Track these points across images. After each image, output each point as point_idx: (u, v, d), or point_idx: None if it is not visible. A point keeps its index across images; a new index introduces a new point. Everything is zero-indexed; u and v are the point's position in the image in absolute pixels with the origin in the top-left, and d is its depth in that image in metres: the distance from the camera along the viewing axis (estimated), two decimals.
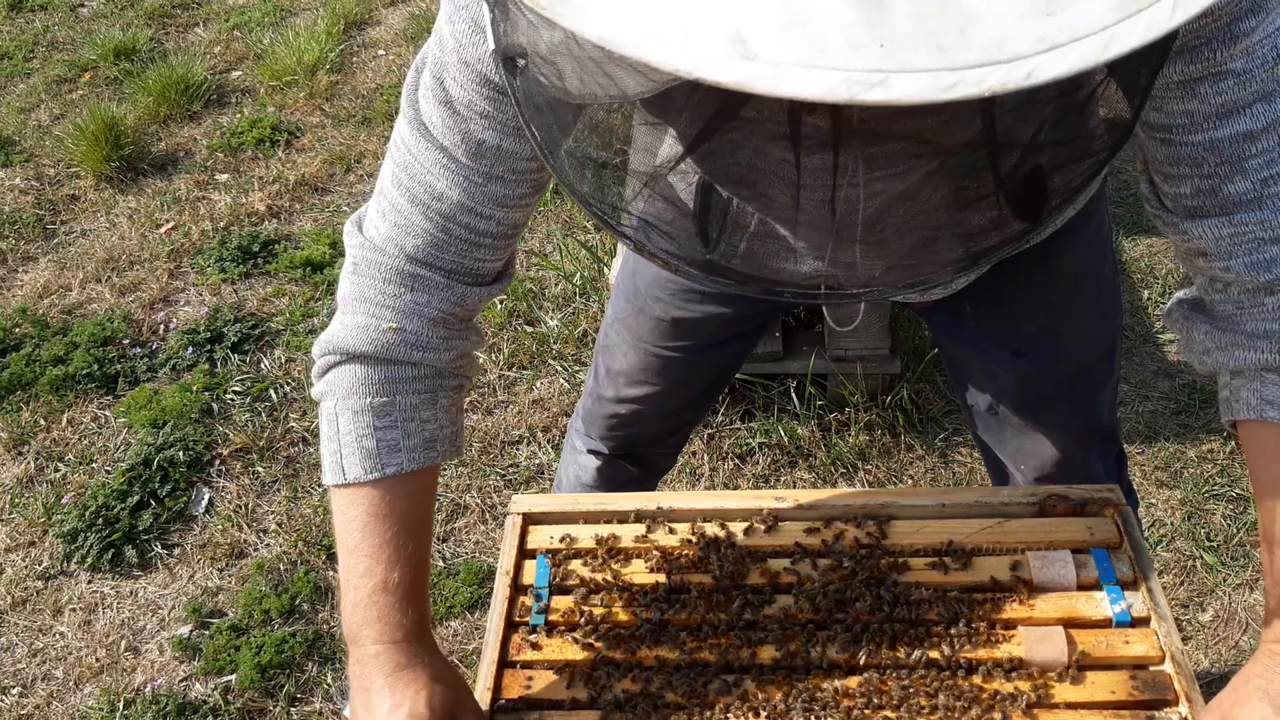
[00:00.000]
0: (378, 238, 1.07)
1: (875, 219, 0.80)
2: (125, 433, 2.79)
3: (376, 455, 1.06)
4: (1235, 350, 1.00)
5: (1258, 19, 0.86)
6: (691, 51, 0.53)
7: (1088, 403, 1.53)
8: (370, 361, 1.08)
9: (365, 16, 4.63)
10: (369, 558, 1.05)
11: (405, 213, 1.05)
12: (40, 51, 4.56)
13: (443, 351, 1.09)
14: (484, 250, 1.07)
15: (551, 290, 3.07)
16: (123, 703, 2.18)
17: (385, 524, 1.06)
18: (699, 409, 1.81)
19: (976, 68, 0.52)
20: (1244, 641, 2.16)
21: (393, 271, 1.06)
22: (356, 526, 1.07)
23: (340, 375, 1.09)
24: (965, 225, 0.82)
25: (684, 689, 1.05)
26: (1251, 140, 0.90)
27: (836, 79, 0.52)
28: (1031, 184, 0.79)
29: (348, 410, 1.08)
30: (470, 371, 1.17)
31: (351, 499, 1.07)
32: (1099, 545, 1.15)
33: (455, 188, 1.02)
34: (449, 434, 1.13)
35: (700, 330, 1.54)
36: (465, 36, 0.94)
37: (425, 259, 1.06)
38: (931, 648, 1.06)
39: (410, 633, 1.05)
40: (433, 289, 1.07)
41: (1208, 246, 0.97)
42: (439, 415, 1.11)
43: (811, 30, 0.52)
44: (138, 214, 3.56)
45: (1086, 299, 1.44)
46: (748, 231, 0.90)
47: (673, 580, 1.15)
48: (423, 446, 1.09)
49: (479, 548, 2.45)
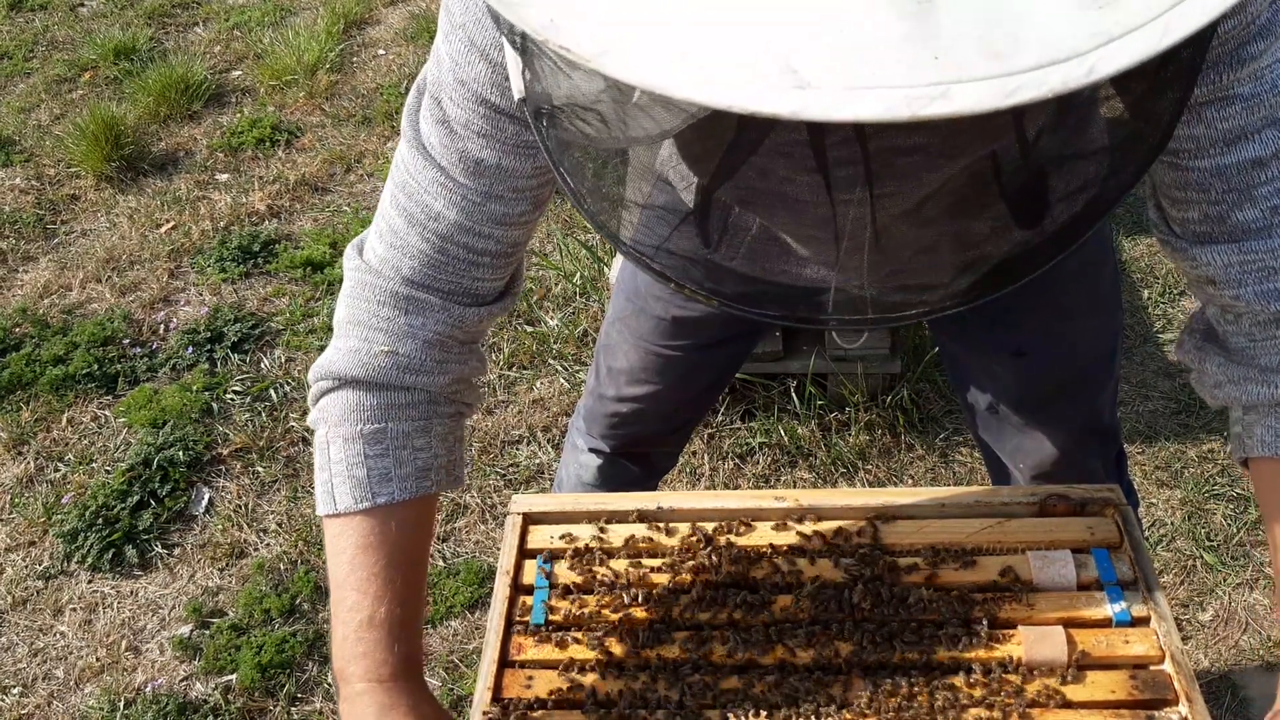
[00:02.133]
0: (375, 260, 1.06)
1: (910, 241, 0.80)
2: (125, 432, 2.79)
3: (366, 484, 1.04)
4: (1248, 385, 0.98)
5: (1266, 42, 0.83)
6: (744, 87, 0.51)
7: (1088, 402, 1.53)
8: (362, 387, 1.05)
9: (365, 16, 4.62)
10: (356, 591, 1.03)
11: (402, 234, 1.03)
12: (40, 51, 4.56)
13: (437, 375, 1.07)
14: (483, 270, 1.05)
15: (551, 290, 3.07)
16: (123, 702, 2.18)
17: (374, 556, 1.03)
18: (700, 407, 1.81)
19: (1036, 69, 0.50)
20: (1244, 641, 2.16)
21: (387, 294, 1.04)
22: (345, 559, 1.04)
23: (332, 402, 1.07)
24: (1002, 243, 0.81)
25: (684, 689, 1.05)
26: (1260, 167, 0.88)
27: (896, 97, 0.50)
28: (1072, 200, 0.77)
29: (339, 438, 1.05)
30: (470, 398, 1.14)
31: (342, 529, 1.05)
32: (1099, 545, 1.15)
33: (452, 207, 1.00)
34: (444, 463, 1.10)
35: (701, 329, 1.54)
36: (461, 56, 0.93)
37: (421, 280, 1.04)
38: (931, 648, 1.06)
39: (398, 670, 1.02)
40: (428, 311, 1.05)
41: (1216, 274, 0.95)
42: (433, 443, 1.08)
43: (862, 51, 0.51)
44: (138, 214, 3.56)
45: (1087, 299, 1.44)
46: (787, 262, 0.89)
47: (673, 580, 1.15)
48: (415, 475, 1.06)
49: (479, 548, 2.45)
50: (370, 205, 3.53)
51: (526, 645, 1.11)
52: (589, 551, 1.18)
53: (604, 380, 1.68)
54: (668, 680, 1.06)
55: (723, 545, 1.17)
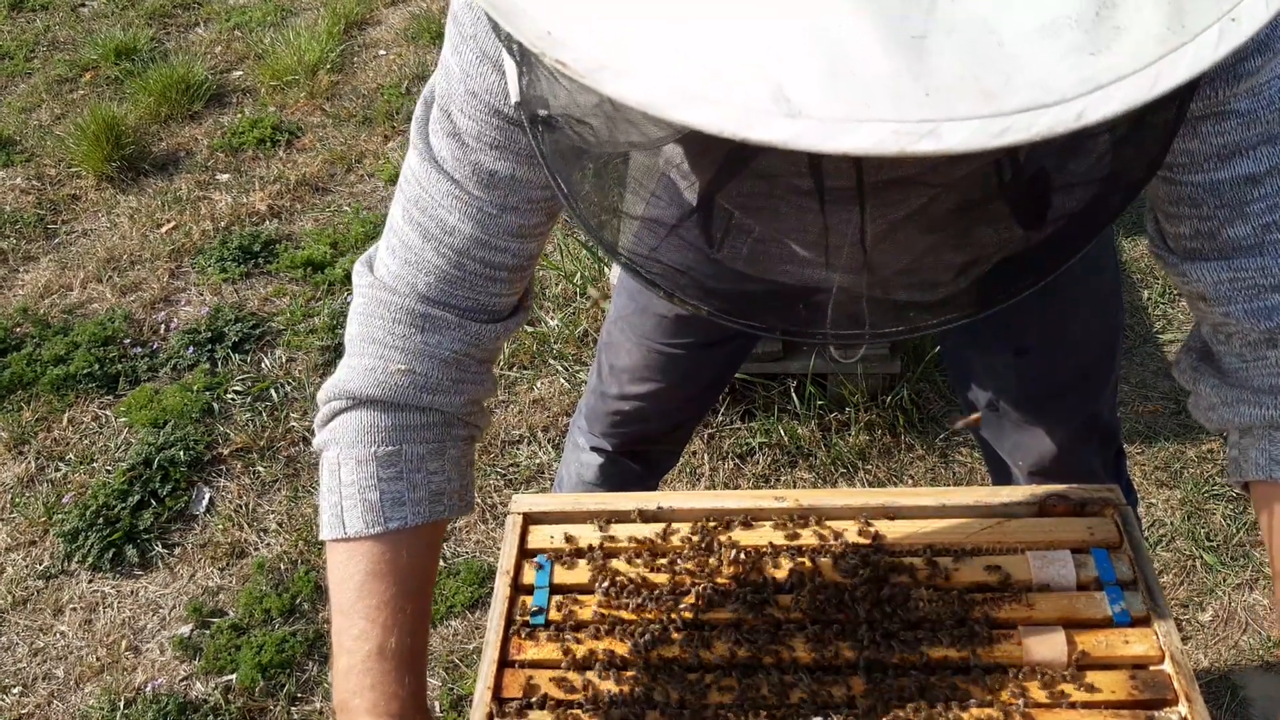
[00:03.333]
0: (388, 276, 1.03)
1: (901, 261, 0.79)
2: (126, 432, 2.79)
3: (380, 508, 1.01)
4: (1242, 407, 0.97)
5: (1264, 58, 0.82)
6: (736, 112, 0.51)
7: (1088, 401, 1.53)
8: (378, 407, 1.03)
9: (366, 16, 4.63)
10: (365, 620, 0.99)
11: (417, 249, 1.00)
12: (41, 51, 4.56)
13: (454, 395, 1.04)
14: (499, 285, 1.03)
15: (551, 290, 3.07)
16: (123, 702, 2.19)
17: (384, 584, 1.00)
18: (701, 405, 1.81)
19: (1024, 112, 0.51)
20: (1243, 641, 2.16)
21: (403, 311, 1.02)
22: (353, 585, 1.01)
23: (345, 423, 1.04)
24: (994, 264, 0.80)
25: (684, 689, 1.05)
26: (1254, 184, 0.87)
27: (885, 131, 0.50)
28: (1067, 221, 0.77)
29: (351, 460, 1.02)
30: (482, 421, 1.12)
31: (350, 555, 1.01)
32: (1099, 545, 1.15)
33: (468, 220, 0.98)
34: (457, 488, 1.07)
35: (704, 327, 1.54)
36: (473, 67, 0.92)
37: (438, 297, 1.02)
38: (931, 648, 1.06)
39: (406, 705, 0.99)
40: (445, 329, 1.02)
41: (1206, 290, 0.94)
42: (446, 467, 1.06)
43: (855, 82, 0.51)
44: (139, 214, 3.56)
45: (1089, 299, 1.44)
46: (781, 274, 0.88)
47: (673, 580, 1.15)
48: (429, 500, 1.03)
49: (479, 548, 2.45)
50: (370, 205, 3.54)
51: (526, 645, 1.11)
52: (589, 551, 1.19)
53: (606, 378, 1.68)
54: (668, 680, 1.06)
55: (723, 544, 1.17)
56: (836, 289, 0.80)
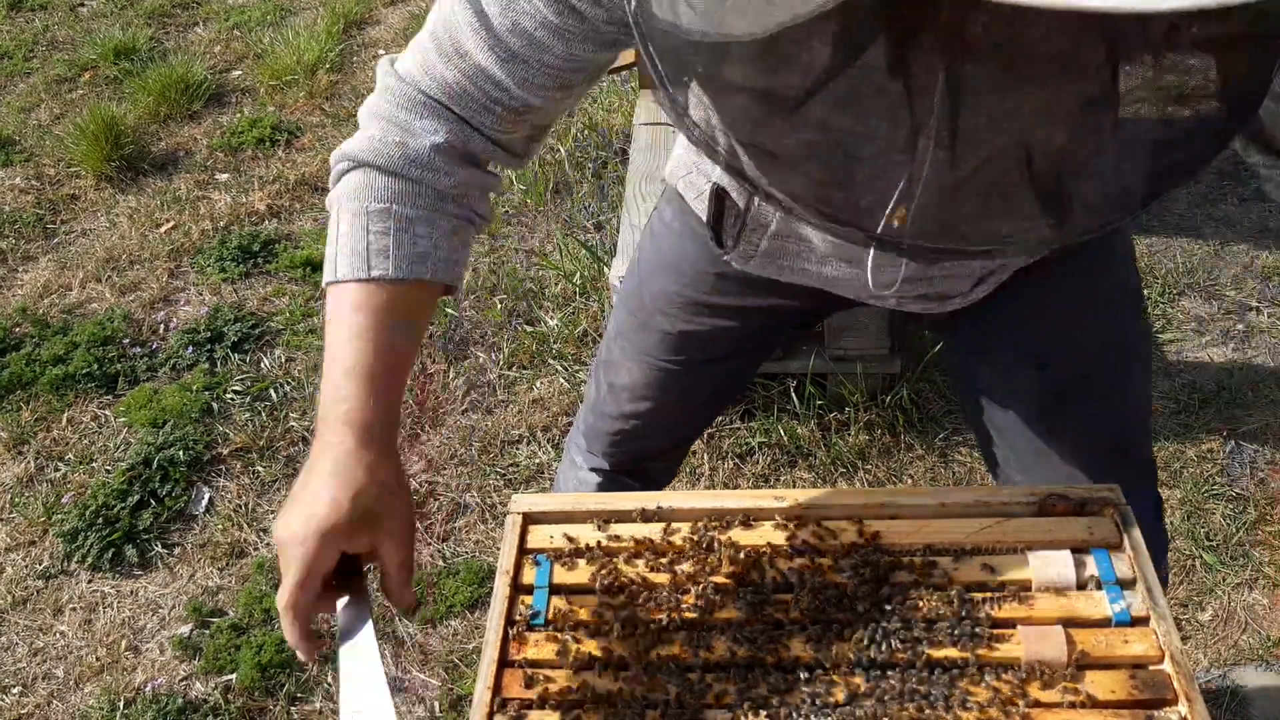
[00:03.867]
0: (404, 71, 1.11)
1: (1017, 153, 0.77)
2: (125, 432, 2.79)
3: (365, 256, 1.08)
4: None
5: None
6: None
7: (1106, 410, 1.44)
8: (374, 170, 1.11)
9: (365, 16, 4.63)
10: (343, 344, 1.07)
11: (433, 61, 1.08)
12: (40, 51, 4.56)
13: (443, 175, 1.11)
14: (495, 118, 1.10)
15: (551, 290, 3.07)
16: (123, 702, 2.19)
17: (362, 314, 1.07)
18: (700, 423, 1.80)
19: None
20: (1243, 641, 2.16)
21: (407, 99, 1.10)
22: (338, 319, 1.08)
23: (347, 181, 1.13)
24: (1102, 172, 0.79)
25: (684, 689, 1.05)
26: None
27: None
28: (1185, 135, 0.75)
29: (347, 213, 1.10)
30: (480, 209, 1.18)
31: (338, 296, 1.09)
32: (1099, 545, 1.15)
33: (481, 51, 1.05)
34: (445, 256, 1.13)
35: (707, 344, 1.53)
36: None
37: (441, 100, 1.10)
38: (930, 647, 1.06)
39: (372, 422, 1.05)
40: (442, 119, 1.10)
41: None
42: (435, 234, 1.12)
43: None
44: (138, 213, 3.56)
45: (1099, 298, 1.40)
46: (857, 170, 0.86)
47: (673, 580, 1.15)
48: (411, 259, 1.10)
49: (479, 547, 2.45)
50: None
51: (526, 645, 1.11)
52: (589, 551, 1.18)
53: (605, 397, 1.66)
54: (668, 680, 1.06)
55: (723, 544, 1.17)
56: (928, 187, 0.79)
